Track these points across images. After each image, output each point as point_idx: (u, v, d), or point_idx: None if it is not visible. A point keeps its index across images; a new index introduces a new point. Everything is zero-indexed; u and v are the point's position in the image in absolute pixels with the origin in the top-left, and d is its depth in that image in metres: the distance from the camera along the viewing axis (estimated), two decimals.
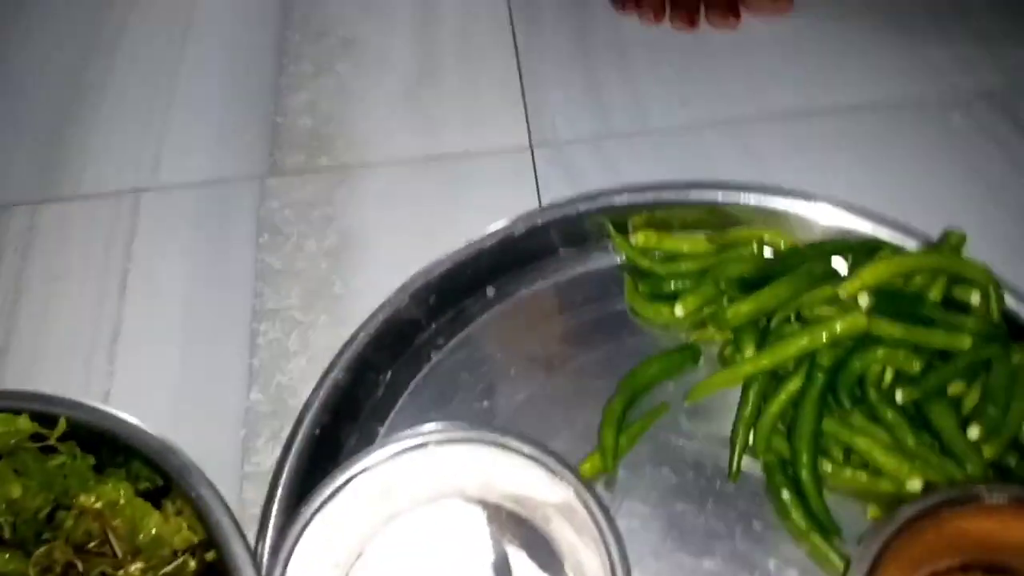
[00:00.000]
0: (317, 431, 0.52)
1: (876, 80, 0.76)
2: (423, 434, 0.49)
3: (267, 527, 0.48)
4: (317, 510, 0.47)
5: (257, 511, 0.51)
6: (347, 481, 0.48)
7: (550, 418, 0.55)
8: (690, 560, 0.50)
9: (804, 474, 0.49)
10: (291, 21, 0.86)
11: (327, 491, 0.47)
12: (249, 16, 0.88)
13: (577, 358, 0.59)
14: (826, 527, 0.49)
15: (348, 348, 0.55)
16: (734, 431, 0.53)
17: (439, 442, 0.49)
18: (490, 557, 0.49)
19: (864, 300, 0.51)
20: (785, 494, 0.50)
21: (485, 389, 0.57)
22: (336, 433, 0.54)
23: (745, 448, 0.52)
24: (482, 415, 0.56)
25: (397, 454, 0.49)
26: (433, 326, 0.60)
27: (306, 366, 0.60)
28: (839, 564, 0.48)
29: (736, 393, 0.54)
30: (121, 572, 0.43)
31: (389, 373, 0.58)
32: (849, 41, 0.79)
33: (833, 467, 0.50)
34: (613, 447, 0.52)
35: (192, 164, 0.74)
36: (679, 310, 0.57)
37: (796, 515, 0.49)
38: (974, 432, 0.48)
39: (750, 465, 0.53)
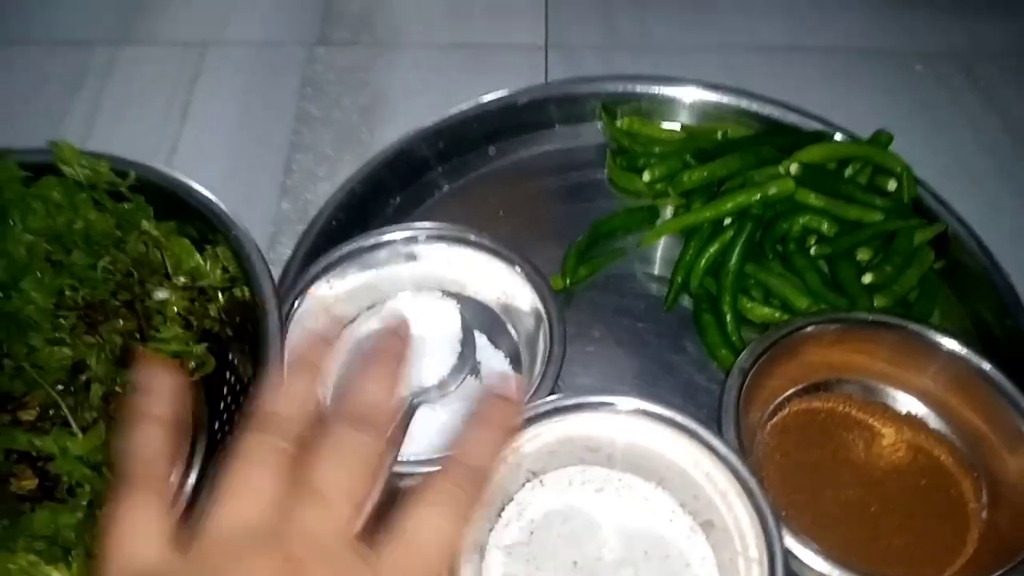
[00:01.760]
0: (333, 223, 0.64)
1: (858, 31, 0.86)
2: (414, 228, 0.60)
3: (286, 279, 0.59)
4: (322, 272, 0.58)
5: None
6: (343, 256, 0.59)
7: (526, 248, 0.65)
8: (619, 358, 0.60)
9: (726, 298, 0.59)
10: None
11: (330, 259, 0.58)
12: None
13: (557, 210, 0.70)
14: (735, 345, 0.59)
15: (367, 166, 0.67)
16: (674, 271, 0.63)
17: (428, 238, 0.60)
18: (459, 336, 0.59)
19: (794, 168, 0.62)
20: (707, 317, 0.60)
21: (477, 223, 0.67)
22: (348, 237, 0.65)
23: (682, 286, 0.63)
24: None
25: (388, 242, 0.60)
26: (440, 168, 0.71)
27: (330, 189, 0.71)
28: None
29: (680, 247, 0.65)
30: (168, 283, 0.55)
31: (399, 198, 0.69)
32: None
33: (752, 304, 0.61)
34: (573, 267, 0.63)
35: (253, 27, 0.86)
36: (647, 175, 0.67)
37: (712, 333, 0.59)
38: (867, 278, 0.58)
39: (684, 301, 0.63)
